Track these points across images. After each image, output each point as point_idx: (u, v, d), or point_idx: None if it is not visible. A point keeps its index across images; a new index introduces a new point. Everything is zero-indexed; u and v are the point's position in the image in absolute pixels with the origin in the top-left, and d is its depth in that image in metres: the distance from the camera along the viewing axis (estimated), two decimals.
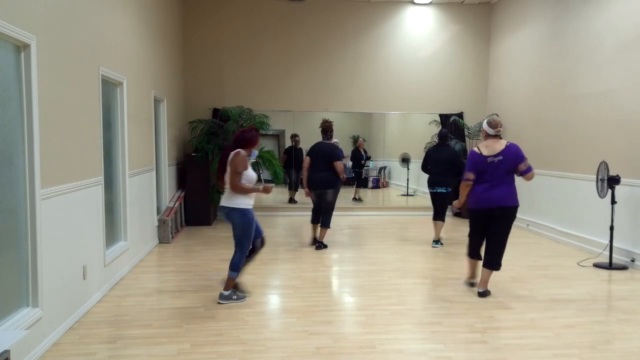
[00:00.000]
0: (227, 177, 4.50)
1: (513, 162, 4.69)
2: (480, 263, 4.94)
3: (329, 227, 6.92)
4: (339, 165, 6.68)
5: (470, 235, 5.00)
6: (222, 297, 4.60)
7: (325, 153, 6.72)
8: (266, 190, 4.56)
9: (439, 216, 7.12)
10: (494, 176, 4.66)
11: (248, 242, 4.58)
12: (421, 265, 6.12)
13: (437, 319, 4.26)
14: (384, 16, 10.07)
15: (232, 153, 4.50)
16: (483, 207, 4.73)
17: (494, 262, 4.81)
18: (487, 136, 4.84)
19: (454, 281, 5.40)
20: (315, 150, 6.83)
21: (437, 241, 7.14)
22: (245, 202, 4.48)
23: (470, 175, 4.77)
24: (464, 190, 4.87)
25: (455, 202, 5.14)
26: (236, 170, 4.40)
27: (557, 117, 7.73)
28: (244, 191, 4.44)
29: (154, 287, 5.14)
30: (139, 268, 5.90)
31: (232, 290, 4.64)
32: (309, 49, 9.99)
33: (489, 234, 4.81)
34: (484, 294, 4.85)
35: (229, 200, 4.51)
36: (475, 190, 4.78)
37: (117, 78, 5.35)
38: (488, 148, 4.73)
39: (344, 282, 5.41)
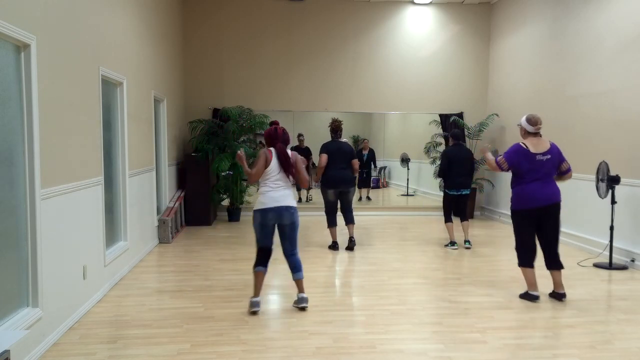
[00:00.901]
0: (291, 176, 4.47)
1: (558, 161, 4.65)
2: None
3: (355, 223, 7.02)
4: (357, 163, 6.88)
5: (522, 241, 4.74)
6: (305, 300, 4.49)
7: (346, 152, 6.78)
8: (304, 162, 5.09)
9: (464, 216, 7.13)
10: (544, 174, 4.57)
11: None
12: (421, 265, 6.12)
13: (437, 319, 4.26)
14: (384, 16, 10.07)
15: (293, 153, 4.49)
16: (538, 205, 4.58)
17: (559, 261, 4.73)
18: (527, 134, 4.68)
19: (454, 281, 5.40)
20: (334, 149, 6.76)
21: (468, 241, 7.09)
22: None
23: (505, 167, 4.65)
24: (492, 167, 4.78)
25: (488, 148, 4.98)
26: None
27: (557, 117, 7.73)
28: (307, 179, 4.71)
29: (154, 287, 5.14)
30: (139, 268, 5.90)
31: None
32: (309, 49, 9.99)
33: (544, 234, 4.70)
34: (565, 295, 4.72)
35: (293, 200, 4.44)
36: (524, 189, 4.61)
37: (117, 78, 5.35)
38: (535, 146, 4.59)
39: (344, 282, 5.41)
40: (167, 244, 7.25)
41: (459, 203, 7.11)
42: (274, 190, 4.37)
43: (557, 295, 4.74)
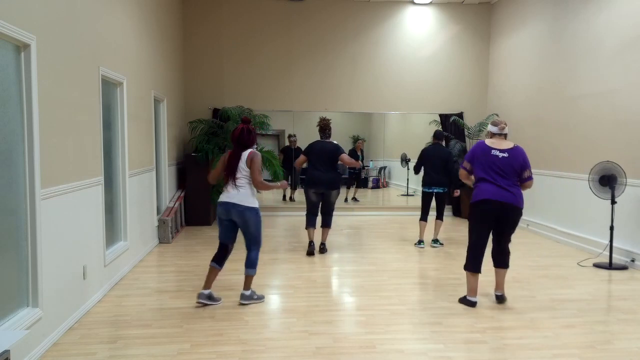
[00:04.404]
0: (240, 176, 4.51)
1: (520, 165, 4.49)
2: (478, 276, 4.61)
3: (330, 227, 6.79)
4: (345, 157, 6.52)
5: (471, 241, 4.60)
6: (243, 297, 4.62)
7: (328, 152, 6.48)
8: (283, 186, 5.00)
9: (438, 214, 7.15)
10: (500, 173, 4.46)
11: (261, 238, 4.66)
12: (421, 265, 6.12)
13: (437, 319, 4.26)
14: (384, 16, 10.08)
15: (249, 153, 4.52)
16: (487, 197, 4.43)
17: (504, 260, 4.62)
18: (492, 135, 4.70)
19: (454, 281, 5.40)
20: (316, 150, 6.53)
21: (436, 240, 7.16)
22: (256, 201, 4.57)
23: (466, 164, 4.65)
24: (464, 178, 4.74)
25: (457, 192, 4.94)
26: (259, 169, 4.53)
27: (557, 117, 7.73)
28: (268, 188, 4.63)
29: (154, 287, 5.14)
30: (139, 268, 5.90)
31: (252, 290, 4.68)
32: (309, 49, 9.99)
33: (496, 232, 4.59)
34: (502, 297, 4.66)
35: (241, 199, 4.50)
36: (479, 186, 4.55)
37: (117, 78, 5.35)
38: (495, 143, 4.57)
39: (344, 282, 5.41)
40: (167, 244, 7.25)
41: (431, 201, 7.14)
42: (228, 187, 4.56)
43: (497, 297, 4.66)
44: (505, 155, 4.50)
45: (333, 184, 6.51)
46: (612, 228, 6.04)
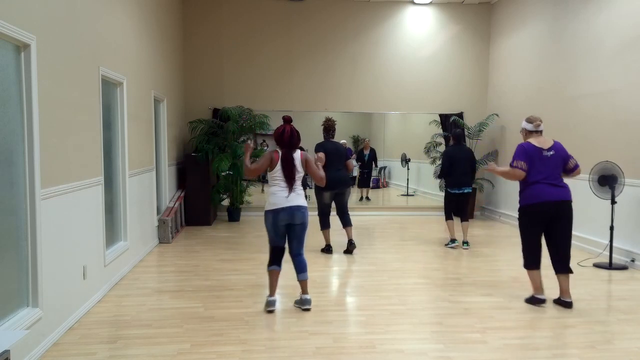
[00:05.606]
0: (296, 178, 4.39)
1: (564, 158, 4.54)
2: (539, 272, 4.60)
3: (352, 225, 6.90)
4: (351, 164, 6.83)
5: (526, 241, 4.62)
6: (309, 302, 4.46)
7: (341, 153, 6.68)
8: (321, 160, 4.81)
9: (464, 216, 7.13)
10: (551, 172, 4.46)
11: None
12: (421, 265, 6.12)
13: (437, 319, 4.26)
14: (384, 16, 10.07)
15: (301, 154, 4.45)
16: (544, 200, 4.41)
17: (565, 265, 4.50)
18: (528, 134, 4.62)
19: (454, 281, 5.40)
20: (331, 149, 6.58)
21: (466, 242, 7.06)
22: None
23: (522, 164, 4.46)
24: (511, 174, 4.52)
25: (492, 164, 4.77)
26: (315, 165, 4.54)
27: (557, 117, 7.73)
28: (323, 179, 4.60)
29: (154, 287, 5.14)
30: (139, 268, 5.90)
31: None
32: (309, 49, 9.99)
33: (554, 235, 4.51)
34: (571, 303, 4.54)
35: (301, 200, 4.41)
36: (533, 188, 4.47)
37: (117, 78, 5.35)
38: (540, 143, 4.52)
39: (344, 282, 5.41)
40: (167, 244, 7.25)
41: (460, 202, 7.12)
42: (284, 190, 4.35)
43: (563, 303, 4.57)
44: (553, 152, 4.53)
45: (347, 182, 6.72)
46: (612, 228, 6.03)
